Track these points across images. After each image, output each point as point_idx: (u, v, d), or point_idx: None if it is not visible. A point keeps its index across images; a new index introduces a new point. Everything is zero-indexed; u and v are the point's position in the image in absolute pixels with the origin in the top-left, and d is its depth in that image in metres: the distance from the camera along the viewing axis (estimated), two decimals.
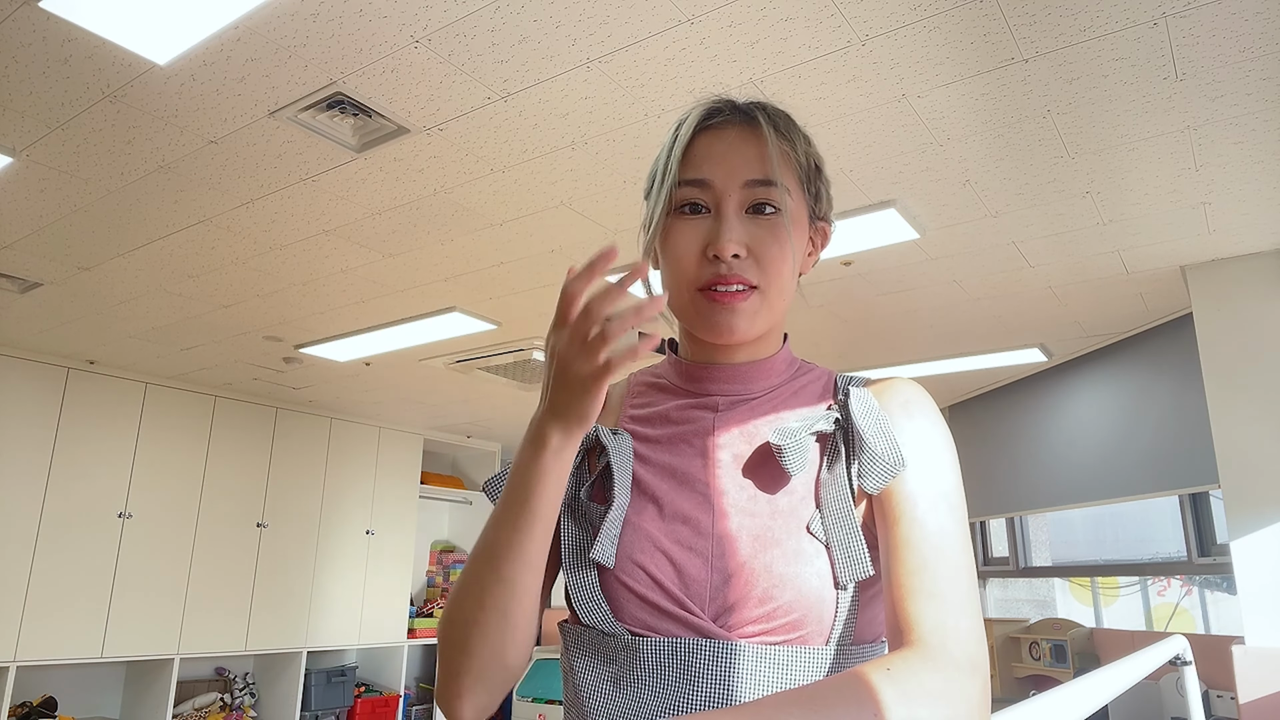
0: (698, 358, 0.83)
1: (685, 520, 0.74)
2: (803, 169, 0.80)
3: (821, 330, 4.13)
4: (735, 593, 0.69)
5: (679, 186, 0.78)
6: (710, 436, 0.79)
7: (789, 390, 0.82)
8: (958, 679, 0.61)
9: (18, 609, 4.20)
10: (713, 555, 0.71)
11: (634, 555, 0.72)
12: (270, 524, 5.38)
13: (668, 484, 0.77)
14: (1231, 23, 1.85)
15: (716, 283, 0.75)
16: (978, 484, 5.45)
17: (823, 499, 0.73)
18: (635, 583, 0.71)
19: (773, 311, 0.78)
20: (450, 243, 3.08)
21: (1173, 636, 2.11)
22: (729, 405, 0.81)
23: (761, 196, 0.77)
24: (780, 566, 0.69)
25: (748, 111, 0.80)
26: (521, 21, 1.88)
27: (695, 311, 0.77)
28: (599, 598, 0.72)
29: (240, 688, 5.42)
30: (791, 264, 0.78)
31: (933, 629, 0.64)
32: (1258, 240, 3.06)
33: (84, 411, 4.60)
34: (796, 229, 0.79)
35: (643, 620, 0.70)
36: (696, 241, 0.76)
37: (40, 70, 2.03)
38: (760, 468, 0.76)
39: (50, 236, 3.00)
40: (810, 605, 0.68)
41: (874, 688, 0.57)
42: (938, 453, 0.75)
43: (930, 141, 2.38)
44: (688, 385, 0.83)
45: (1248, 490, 3.02)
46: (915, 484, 0.72)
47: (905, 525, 0.70)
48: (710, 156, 0.78)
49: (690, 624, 0.69)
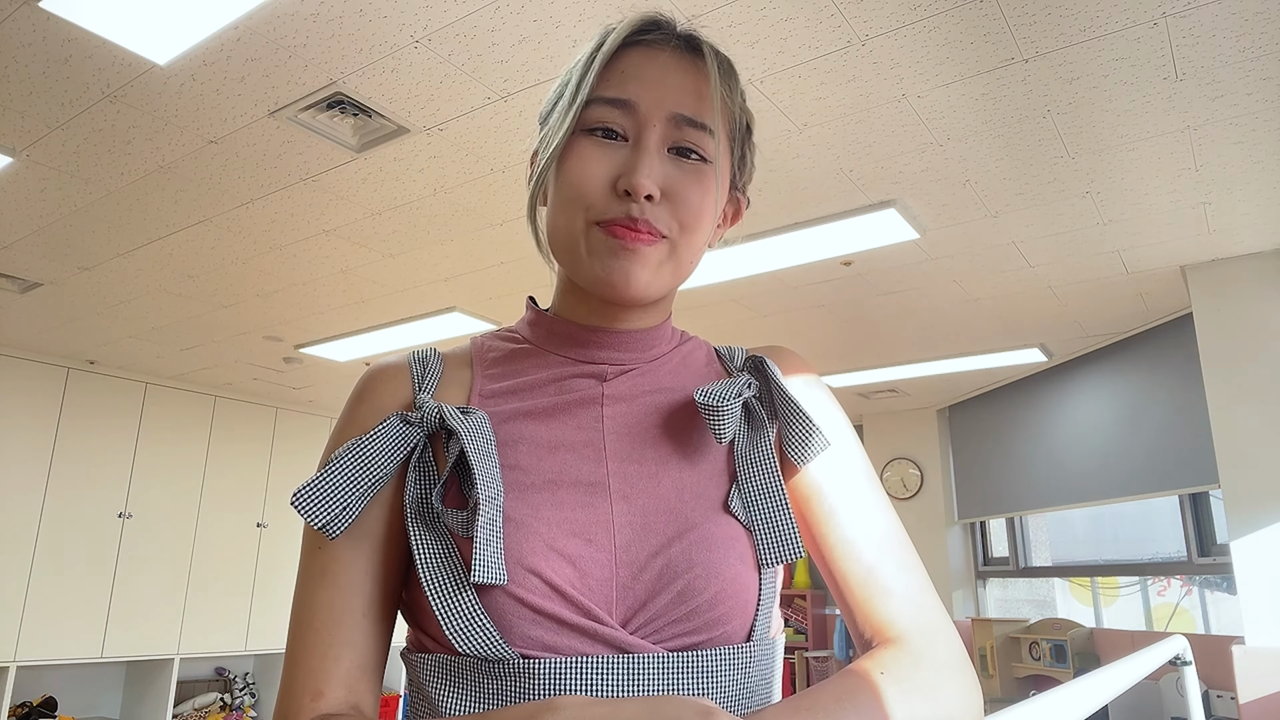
0: (579, 319, 0.70)
1: (578, 505, 0.61)
2: (736, 124, 0.70)
3: (821, 330, 4.13)
4: (647, 589, 0.59)
5: (593, 104, 0.64)
6: (598, 406, 0.66)
7: (676, 357, 0.72)
8: (951, 675, 0.60)
9: (18, 609, 4.20)
10: (616, 547, 0.60)
11: (524, 560, 0.57)
12: (270, 524, 5.38)
13: (550, 466, 0.63)
14: (1231, 23, 1.85)
15: (622, 223, 0.62)
16: (978, 484, 5.45)
17: (741, 473, 0.65)
18: (529, 594, 0.57)
19: (679, 271, 0.66)
20: (450, 243, 3.08)
21: (1173, 636, 2.11)
22: (617, 373, 0.68)
23: (691, 140, 0.65)
24: (698, 554, 0.60)
25: (690, 39, 0.68)
26: (521, 21, 1.88)
27: (588, 251, 0.64)
28: (482, 619, 0.56)
29: (240, 688, 5.42)
30: (710, 222, 0.66)
31: (913, 628, 0.62)
32: (1258, 240, 3.06)
33: (84, 411, 4.60)
34: (719, 189, 0.67)
35: (538, 639, 0.56)
36: (605, 169, 0.63)
37: (40, 70, 2.03)
38: (661, 441, 0.65)
39: (50, 236, 3.00)
40: (734, 597, 0.59)
41: (875, 691, 0.55)
42: (846, 429, 0.71)
43: (930, 141, 2.38)
44: (563, 350, 0.70)
45: (1248, 490, 3.03)
46: (841, 468, 0.68)
47: (846, 516, 0.66)
48: (639, 76, 0.65)
49: (598, 636, 0.57)
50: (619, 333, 0.69)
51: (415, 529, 0.60)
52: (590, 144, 0.64)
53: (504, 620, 0.56)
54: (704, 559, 0.60)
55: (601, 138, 0.64)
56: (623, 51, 0.66)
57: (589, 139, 0.64)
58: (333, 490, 0.59)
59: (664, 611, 0.58)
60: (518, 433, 0.65)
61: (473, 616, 0.56)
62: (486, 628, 0.56)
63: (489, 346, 0.73)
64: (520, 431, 0.65)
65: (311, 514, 0.58)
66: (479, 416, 0.63)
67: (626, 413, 0.67)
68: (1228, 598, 4.39)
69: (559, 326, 0.70)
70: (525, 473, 0.62)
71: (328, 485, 0.59)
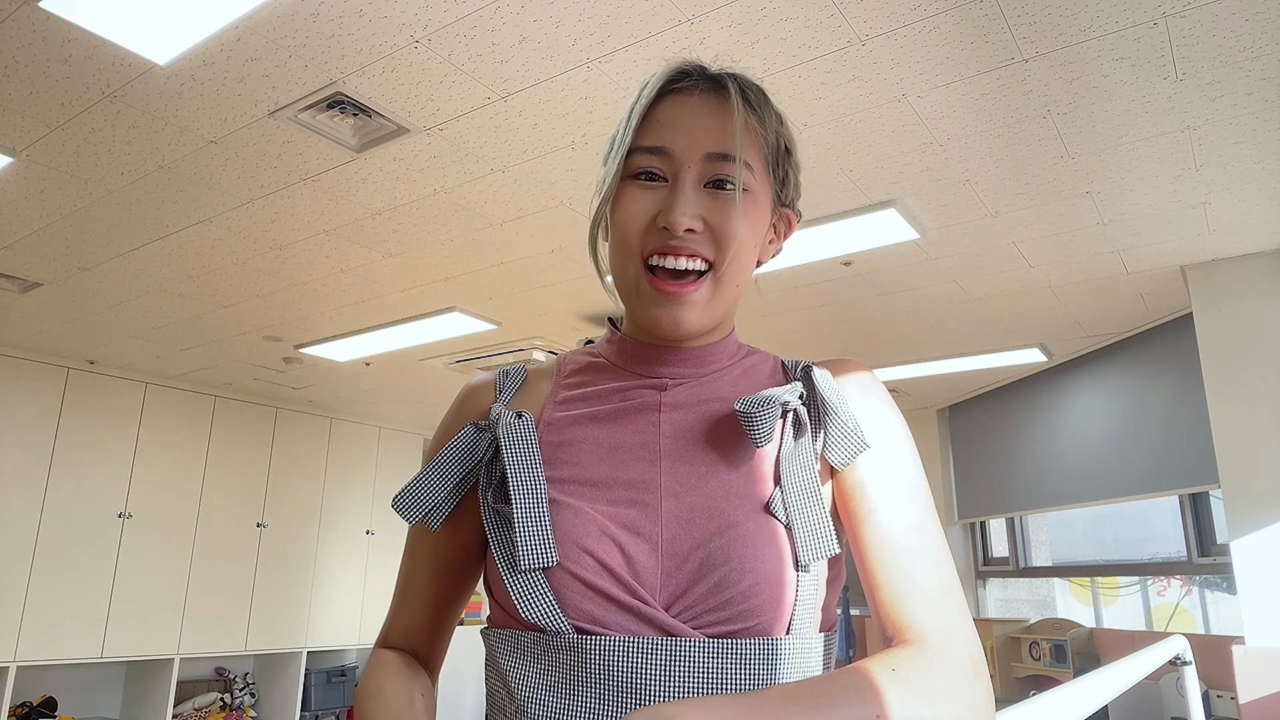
0: (645, 339, 0.77)
1: (630, 503, 0.68)
2: (770, 148, 0.76)
3: (821, 330, 4.13)
4: (688, 578, 0.65)
5: (635, 153, 0.72)
6: (656, 413, 0.73)
7: (739, 369, 0.78)
8: (963, 682, 0.60)
9: (18, 609, 4.20)
10: (663, 539, 0.66)
11: (580, 540, 0.66)
12: (270, 524, 5.39)
13: (608, 464, 0.71)
14: (1231, 23, 1.85)
15: (664, 251, 0.70)
16: (978, 484, 5.45)
17: (784, 476, 0.69)
18: (584, 570, 0.65)
19: (725, 300, 0.73)
20: (450, 243, 3.08)
21: (1173, 636, 2.11)
22: (676, 386, 0.75)
23: (722, 171, 0.71)
24: (736, 549, 0.65)
25: (717, 79, 0.75)
26: (521, 21, 1.88)
27: (638, 295, 0.72)
28: (543, 590, 0.65)
29: (240, 688, 5.42)
30: (749, 246, 0.73)
31: (934, 630, 0.63)
32: (1258, 240, 3.06)
33: (84, 411, 4.60)
34: (759, 211, 0.74)
35: (589, 613, 0.64)
36: (647, 210, 0.71)
37: (40, 70, 2.03)
38: (712, 446, 0.71)
39: (50, 236, 3.00)
40: (769, 590, 0.64)
41: (879, 686, 0.56)
42: (900, 439, 0.73)
43: (930, 141, 2.38)
44: (632, 366, 0.77)
45: (1248, 490, 3.02)
46: (886, 472, 0.70)
47: (885, 517, 0.68)
48: (672, 123, 0.72)
49: (642, 614, 0.64)
50: (682, 350, 0.77)
51: (488, 519, 0.71)
52: (635, 189, 0.72)
53: (560, 593, 0.65)
54: (740, 553, 0.65)
55: (645, 181, 0.72)
56: (659, 101, 0.74)
57: (634, 184, 0.72)
58: (414, 493, 0.73)
59: (702, 599, 0.64)
60: (581, 434, 0.73)
61: (534, 587, 0.65)
62: (547, 597, 0.65)
63: (571, 361, 0.82)
64: (584, 434, 0.73)
65: (402, 513, 0.73)
66: (521, 418, 0.73)
67: (682, 419, 0.73)
68: (1228, 598, 4.39)
69: (628, 345, 0.78)
70: (585, 469, 0.71)
71: (412, 489, 0.74)
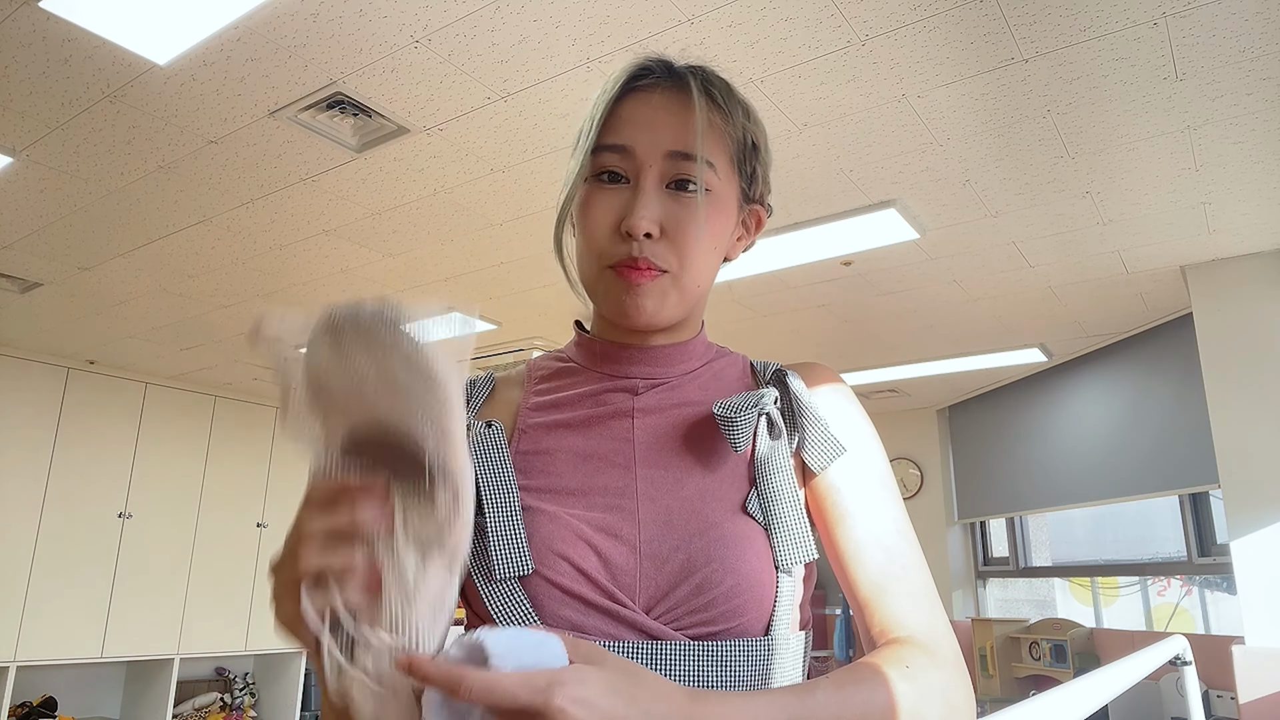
0: (613, 338, 0.77)
1: (607, 507, 0.68)
2: (737, 144, 0.74)
3: (821, 330, 4.13)
4: (670, 580, 0.64)
5: (598, 151, 0.71)
6: (629, 418, 0.73)
7: (709, 373, 0.78)
8: (956, 677, 0.63)
9: (18, 609, 4.20)
10: (641, 541, 0.66)
11: (555, 546, 0.65)
12: (270, 524, 5.38)
13: (584, 472, 0.70)
14: (1231, 23, 1.85)
15: (625, 264, 0.69)
16: (978, 484, 5.45)
17: (760, 478, 0.69)
18: (559, 576, 0.64)
19: (686, 297, 0.72)
20: (450, 243, 3.08)
21: (1173, 636, 2.11)
22: (648, 388, 0.75)
23: (683, 171, 0.70)
24: (717, 549, 0.65)
25: (680, 74, 0.73)
26: (521, 21, 1.88)
27: (603, 290, 0.72)
28: (519, 597, 0.64)
29: (240, 688, 5.42)
30: (710, 248, 0.72)
31: (921, 628, 0.65)
32: (1258, 240, 3.06)
33: (84, 411, 4.60)
34: (723, 211, 0.73)
35: (567, 619, 0.63)
36: (610, 214, 0.70)
37: (40, 70, 2.03)
38: (686, 450, 0.71)
39: (50, 236, 3.00)
40: (751, 590, 0.64)
41: (890, 683, 0.59)
42: (871, 442, 0.74)
43: (930, 141, 2.38)
44: (601, 367, 0.77)
45: (1248, 490, 3.02)
46: (862, 475, 0.71)
47: (866, 519, 0.69)
48: (633, 121, 0.71)
49: (621, 618, 0.63)
50: (649, 349, 0.76)
51: None
52: (598, 190, 0.71)
53: (537, 600, 0.64)
54: (722, 554, 0.65)
55: (608, 182, 0.71)
56: (622, 98, 0.72)
57: (597, 184, 0.71)
58: None
59: (684, 601, 0.64)
60: (556, 443, 0.72)
61: (510, 596, 0.64)
62: (524, 605, 0.64)
63: (540, 366, 0.81)
64: (558, 442, 0.72)
65: None
66: (490, 428, 0.72)
67: (656, 424, 0.73)
68: (1228, 598, 4.39)
69: (597, 346, 0.77)
70: (560, 478, 0.70)
71: None
